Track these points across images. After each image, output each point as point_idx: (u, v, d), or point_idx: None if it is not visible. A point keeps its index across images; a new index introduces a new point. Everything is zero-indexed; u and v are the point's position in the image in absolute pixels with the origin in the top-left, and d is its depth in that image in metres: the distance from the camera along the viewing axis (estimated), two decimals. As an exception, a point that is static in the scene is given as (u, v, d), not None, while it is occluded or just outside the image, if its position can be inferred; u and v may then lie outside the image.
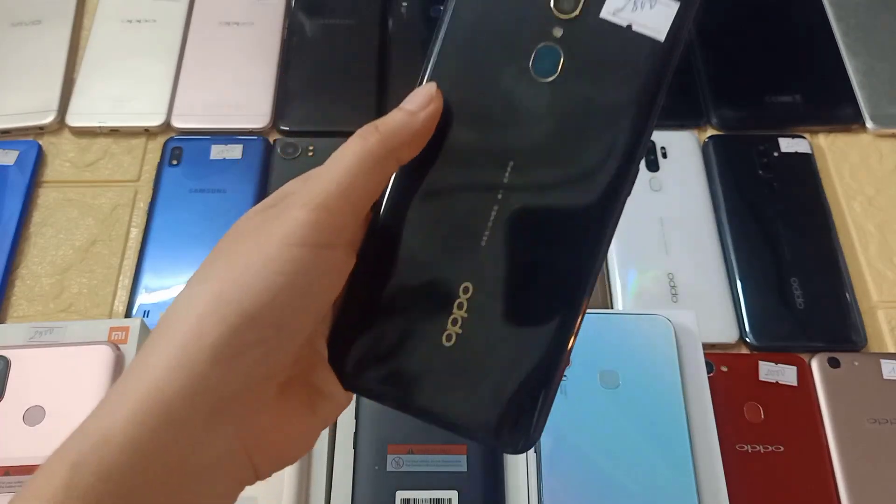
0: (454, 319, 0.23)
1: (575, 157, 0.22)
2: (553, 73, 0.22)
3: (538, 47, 0.22)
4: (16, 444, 0.40)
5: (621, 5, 0.22)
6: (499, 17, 0.22)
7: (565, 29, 0.22)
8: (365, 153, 0.22)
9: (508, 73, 0.22)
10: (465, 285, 0.23)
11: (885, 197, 0.56)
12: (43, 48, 0.60)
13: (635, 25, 0.22)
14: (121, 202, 0.54)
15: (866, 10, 0.63)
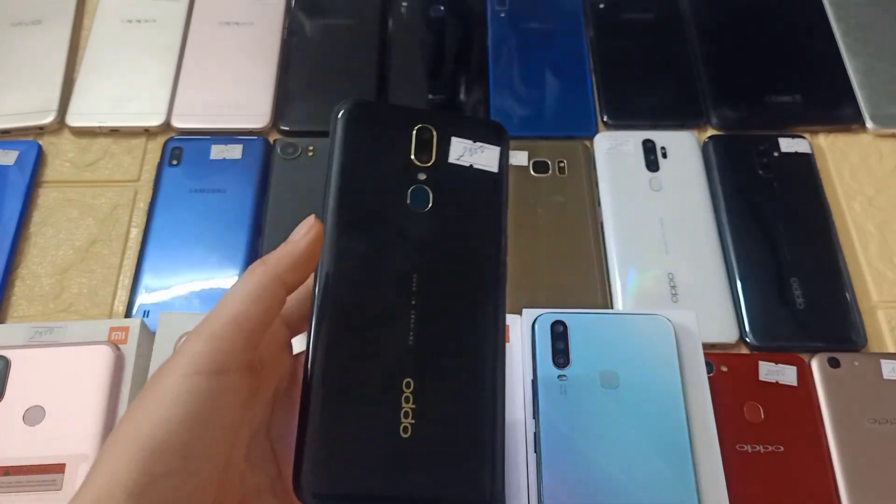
0: (405, 413, 0.27)
1: (460, 260, 0.29)
2: (427, 205, 0.29)
3: (411, 189, 0.29)
4: (16, 444, 0.40)
5: (461, 153, 0.30)
6: (376, 170, 0.29)
7: (427, 173, 0.29)
8: (252, 284, 0.25)
9: (394, 210, 0.29)
10: (406, 380, 0.27)
11: (885, 197, 0.56)
12: (43, 48, 0.60)
13: (475, 165, 0.30)
14: (121, 202, 0.55)
15: (866, 10, 0.63)
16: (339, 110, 0.30)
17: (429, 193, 0.29)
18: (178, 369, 0.23)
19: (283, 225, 0.52)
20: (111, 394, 0.41)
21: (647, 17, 0.63)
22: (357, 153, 0.30)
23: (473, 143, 0.30)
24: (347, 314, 0.27)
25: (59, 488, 0.39)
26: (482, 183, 0.30)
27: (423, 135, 0.30)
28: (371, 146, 0.30)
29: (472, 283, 0.29)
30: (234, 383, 0.24)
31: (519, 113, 0.58)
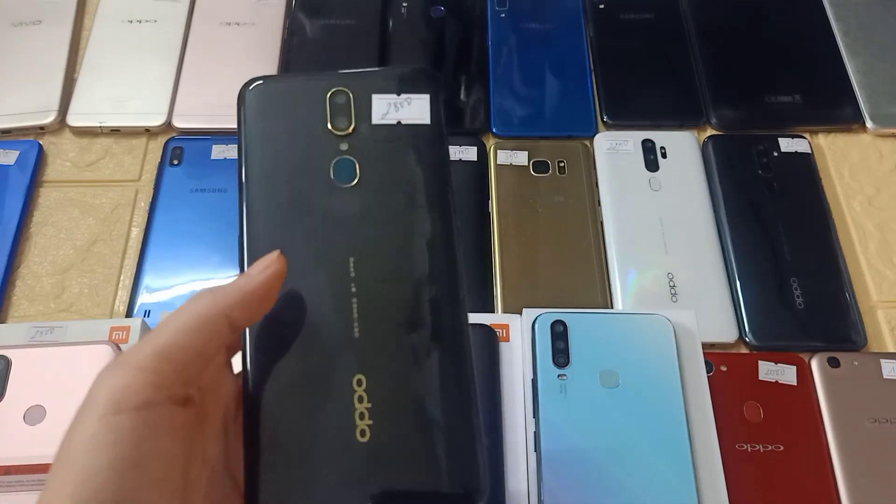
0: (360, 414, 0.24)
1: (401, 232, 0.25)
2: (354, 178, 0.26)
3: (333, 163, 0.26)
4: (16, 444, 0.40)
5: (386, 110, 0.26)
6: (292, 148, 0.26)
7: (348, 142, 0.26)
8: (192, 313, 0.22)
9: (317, 191, 0.25)
10: (358, 378, 0.24)
11: (884, 196, 0.56)
12: (44, 48, 0.60)
13: (403, 120, 0.26)
14: (122, 202, 0.55)
15: (866, 10, 0.63)
16: (240, 93, 0.27)
17: (354, 164, 0.26)
18: (95, 409, 0.20)
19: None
20: (112, 393, 0.41)
21: (647, 17, 0.63)
22: (267, 134, 0.27)
23: (398, 96, 0.26)
24: (282, 313, 0.24)
25: (59, 487, 0.39)
26: (416, 140, 0.26)
27: (337, 100, 0.26)
28: (281, 123, 0.27)
29: (417, 259, 0.25)
30: (166, 418, 0.21)
31: (519, 113, 0.58)
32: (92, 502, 0.19)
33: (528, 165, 0.56)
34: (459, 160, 0.55)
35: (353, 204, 0.25)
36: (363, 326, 0.24)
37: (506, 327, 0.44)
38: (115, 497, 0.19)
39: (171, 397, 0.21)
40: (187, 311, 0.23)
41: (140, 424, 0.20)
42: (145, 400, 0.20)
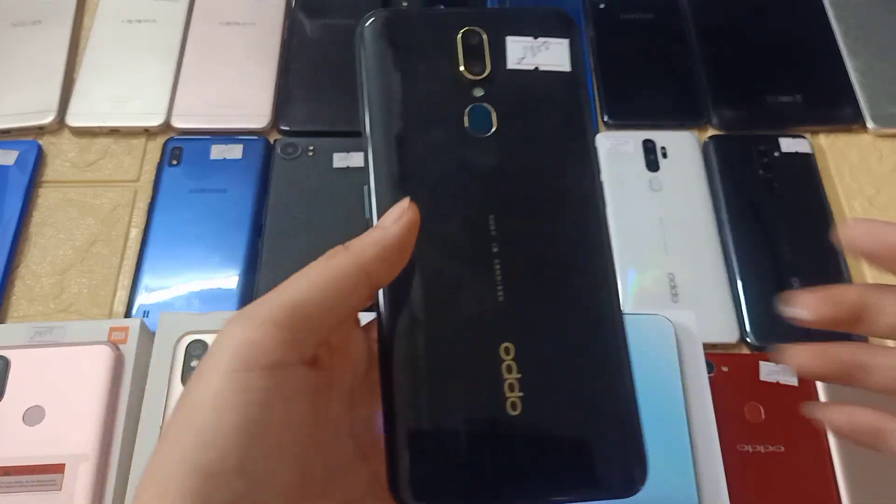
0: (510, 385, 0.22)
1: (545, 189, 0.23)
2: (490, 127, 0.23)
3: (467, 110, 0.24)
4: (15, 444, 0.40)
5: (522, 54, 0.24)
6: (421, 93, 0.24)
7: (484, 87, 0.24)
8: (328, 268, 0.21)
9: (451, 139, 0.23)
10: (505, 346, 0.22)
11: (885, 197, 0.56)
12: (43, 48, 0.60)
13: (542, 66, 0.24)
14: (121, 202, 0.54)
15: (866, 10, 0.63)
16: (361, 27, 0.24)
17: (490, 112, 0.24)
18: (221, 364, 0.18)
19: (284, 225, 0.52)
20: (111, 394, 0.41)
21: (647, 17, 0.63)
22: (393, 76, 0.24)
23: (535, 39, 0.24)
24: (419, 276, 0.22)
25: (58, 488, 0.39)
26: (554, 87, 0.24)
27: (469, 40, 0.24)
28: (408, 64, 0.24)
29: (563, 217, 0.23)
30: (298, 380, 0.19)
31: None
32: (214, 468, 0.17)
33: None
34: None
35: (490, 155, 0.23)
36: (508, 290, 0.22)
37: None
38: (239, 464, 0.18)
39: (303, 358, 0.20)
40: (321, 266, 0.21)
41: (271, 385, 0.18)
42: (277, 359, 0.19)
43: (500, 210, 0.23)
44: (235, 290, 0.50)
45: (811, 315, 0.23)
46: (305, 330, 0.20)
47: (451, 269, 0.22)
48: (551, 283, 0.23)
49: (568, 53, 0.25)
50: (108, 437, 0.40)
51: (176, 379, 0.42)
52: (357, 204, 0.55)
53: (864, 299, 0.24)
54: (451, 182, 0.23)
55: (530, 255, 0.23)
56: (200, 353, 0.42)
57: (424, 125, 0.23)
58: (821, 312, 0.24)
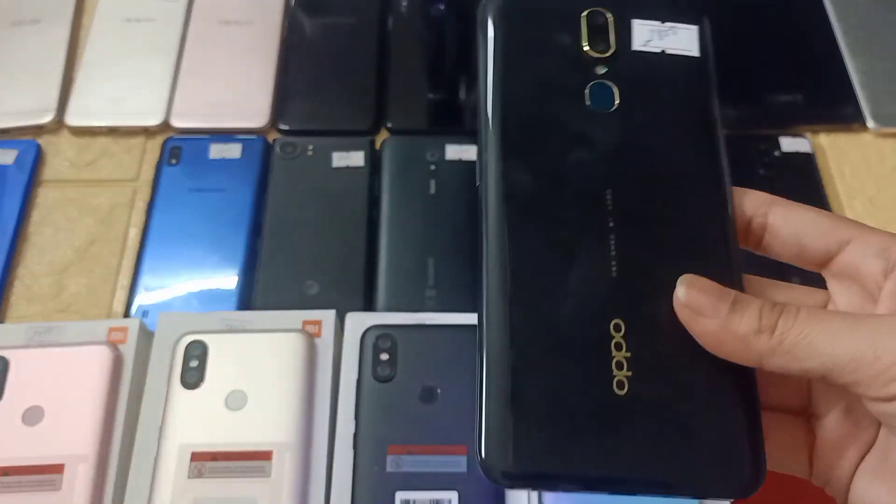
0: (618, 363, 0.21)
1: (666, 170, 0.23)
2: (612, 105, 0.24)
3: (589, 86, 0.24)
4: (15, 445, 0.39)
5: (648, 37, 0.24)
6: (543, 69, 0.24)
7: (607, 66, 0.24)
8: None
9: (570, 114, 0.23)
10: (616, 322, 0.21)
11: (886, 196, 0.55)
12: (42, 47, 0.60)
13: (669, 50, 0.24)
14: (120, 202, 0.54)
15: (867, 10, 0.63)
16: (482, 6, 0.24)
17: (612, 89, 0.24)
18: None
19: (283, 224, 0.52)
20: (110, 394, 0.41)
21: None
22: (515, 52, 0.24)
23: (661, 23, 0.24)
24: (528, 246, 0.22)
25: (58, 488, 0.39)
26: (682, 72, 0.24)
27: (595, 20, 0.24)
28: (532, 42, 0.24)
29: (682, 195, 0.23)
30: None
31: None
32: None
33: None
34: (459, 160, 0.55)
35: (609, 132, 0.23)
36: (622, 266, 0.22)
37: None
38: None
39: None
40: None
41: None
42: None
43: (617, 186, 0.23)
44: (234, 290, 0.50)
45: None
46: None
47: (566, 240, 0.22)
48: (667, 264, 0.22)
49: (697, 39, 0.24)
50: (107, 437, 0.40)
51: (175, 379, 0.41)
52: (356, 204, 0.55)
53: None
54: (568, 154, 0.23)
55: (647, 233, 0.22)
56: (199, 353, 0.42)
57: (544, 98, 0.23)
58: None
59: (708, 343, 0.21)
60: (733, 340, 0.20)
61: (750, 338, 0.20)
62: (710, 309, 0.21)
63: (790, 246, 0.24)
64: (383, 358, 0.43)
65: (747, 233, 0.24)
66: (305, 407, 0.41)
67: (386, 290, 0.49)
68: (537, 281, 0.22)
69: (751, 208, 0.24)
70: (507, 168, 0.23)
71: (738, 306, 0.21)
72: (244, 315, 0.45)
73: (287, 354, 0.42)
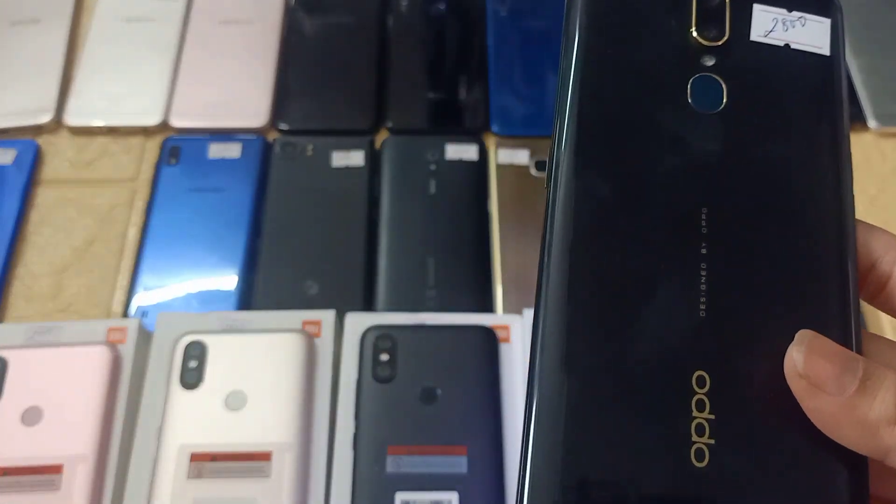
0: (699, 426, 0.17)
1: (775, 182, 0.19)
2: (719, 104, 0.20)
3: (692, 79, 0.20)
4: (14, 445, 0.39)
5: (771, 26, 0.20)
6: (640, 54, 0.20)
7: (717, 56, 0.20)
8: None
9: (666, 112, 0.19)
10: (699, 374, 0.17)
11: (887, 196, 0.55)
12: (41, 47, 0.60)
13: (794, 44, 0.20)
14: (119, 202, 0.54)
15: (868, 9, 0.63)
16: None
17: (721, 86, 0.20)
18: None
19: (282, 224, 0.52)
20: (109, 394, 0.41)
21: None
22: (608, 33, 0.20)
23: (788, 12, 0.20)
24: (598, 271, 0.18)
25: (57, 489, 0.38)
26: (806, 71, 0.20)
27: (708, 1, 0.20)
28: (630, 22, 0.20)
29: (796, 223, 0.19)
30: None
31: (519, 111, 0.58)
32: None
33: (528, 164, 0.55)
34: (459, 159, 0.55)
35: (713, 136, 0.19)
36: (714, 304, 0.18)
37: (506, 328, 0.44)
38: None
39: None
40: None
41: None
42: None
43: (715, 204, 0.19)
44: (234, 290, 0.50)
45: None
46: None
47: (646, 267, 0.18)
48: (772, 308, 0.18)
49: (829, 35, 0.20)
50: (106, 437, 0.40)
51: (174, 380, 0.41)
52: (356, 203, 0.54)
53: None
54: (658, 164, 0.19)
55: (748, 265, 0.18)
56: (199, 353, 0.42)
57: (636, 94, 0.20)
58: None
59: (822, 423, 0.17)
60: (857, 426, 0.16)
61: (881, 428, 0.16)
62: (834, 384, 0.16)
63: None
64: (383, 358, 0.43)
65: (865, 280, 0.20)
66: (305, 407, 0.41)
67: (386, 290, 0.49)
68: (606, 315, 0.18)
69: (878, 250, 0.19)
70: (581, 173, 0.19)
71: (869, 384, 0.16)
72: (243, 315, 0.45)
73: (287, 355, 0.42)
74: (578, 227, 0.19)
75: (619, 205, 0.19)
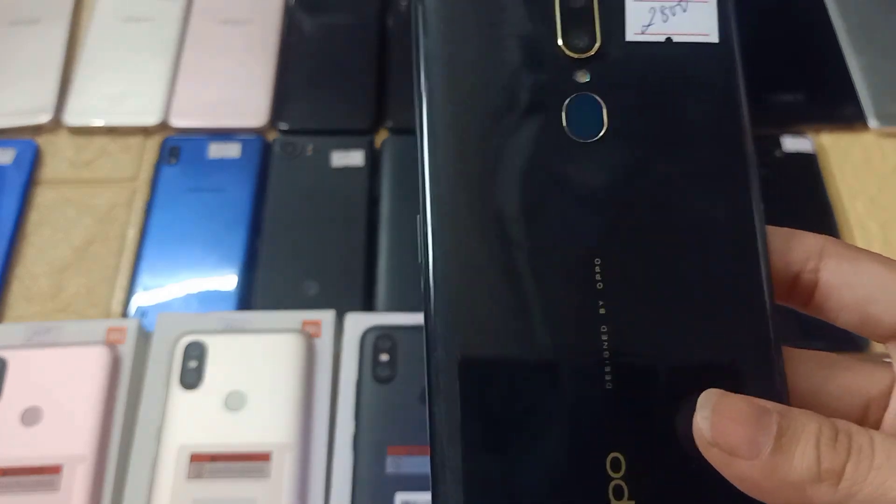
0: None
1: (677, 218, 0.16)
2: (600, 128, 0.17)
3: (566, 103, 0.17)
4: (13, 445, 0.39)
5: (648, 19, 0.17)
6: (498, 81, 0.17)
7: (591, 70, 0.17)
8: None
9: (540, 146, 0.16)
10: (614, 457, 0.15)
11: (887, 196, 0.55)
12: (40, 46, 0.60)
13: (676, 36, 0.17)
14: (118, 201, 0.54)
15: (869, 8, 0.63)
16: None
17: (600, 106, 0.17)
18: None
19: (282, 224, 0.52)
20: (108, 395, 0.41)
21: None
22: (462, 53, 0.17)
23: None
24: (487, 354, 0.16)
25: (56, 489, 0.38)
26: (694, 66, 0.18)
27: (571, 2, 0.17)
28: (485, 38, 0.17)
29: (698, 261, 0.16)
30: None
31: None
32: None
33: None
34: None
35: (597, 171, 0.16)
36: (618, 373, 0.16)
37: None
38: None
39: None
40: None
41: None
42: None
43: (608, 254, 0.16)
44: (233, 290, 0.50)
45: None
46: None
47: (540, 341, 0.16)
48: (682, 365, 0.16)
49: (715, 17, 0.18)
50: (105, 437, 0.40)
51: (174, 380, 0.41)
52: (355, 203, 0.54)
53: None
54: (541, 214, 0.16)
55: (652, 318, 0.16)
56: (198, 353, 0.42)
57: (503, 121, 0.16)
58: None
59: (747, 489, 0.15)
60: (782, 489, 0.15)
61: (807, 487, 0.14)
62: (747, 448, 0.15)
63: (850, 312, 0.18)
64: (383, 358, 0.43)
65: (793, 288, 0.18)
66: (305, 408, 0.41)
67: (386, 290, 0.49)
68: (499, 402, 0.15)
69: (799, 259, 0.18)
70: (451, 234, 0.16)
71: (785, 440, 0.15)
72: (243, 315, 0.45)
73: (286, 355, 0.42)
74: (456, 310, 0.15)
75: (497, 270, 0.16)
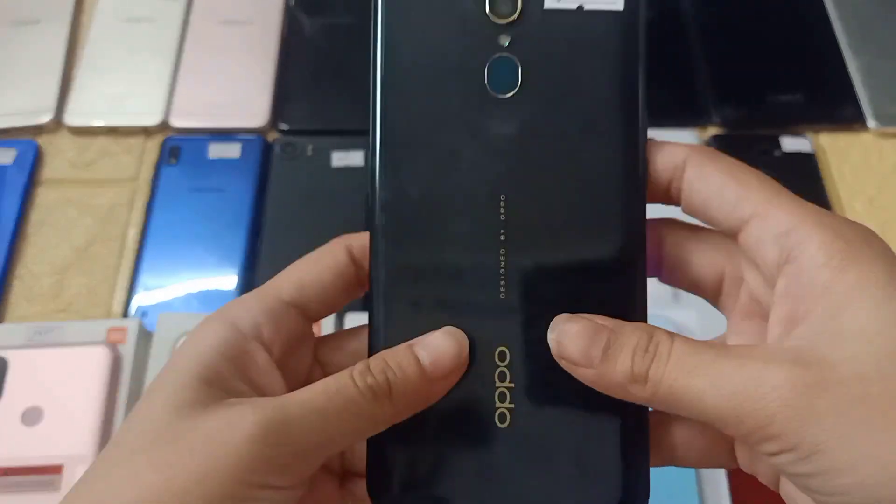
0: (501, 394, 0.20)
1: (574, 169, 0.20)
2: (514, 85, 0.20)
3: (488, 63, 0.20)
4: (14, 445, 0.39)
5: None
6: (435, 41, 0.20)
7: (512, 34, 0.20)
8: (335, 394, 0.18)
9: (465, 100, 0.20)
10: (500, 350, 0.20)
11: (886, 196, 0.55)
12: (41, 47, 0.60)
13: (587, 4, 0.20)
14: (119, 202, 0.54)
15: (868, 9, 0.63)
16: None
17: (516, 65, 0.20)
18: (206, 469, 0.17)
19: (282, 224, 0.52)
20: (109, 395, 0.41)
21: (649, 16, 0.63)
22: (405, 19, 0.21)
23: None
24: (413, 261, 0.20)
25: (56, 489, 0.39)
26: (602, 33, 0.20)
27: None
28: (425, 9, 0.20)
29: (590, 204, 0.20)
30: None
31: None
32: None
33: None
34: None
35: (509, 122, 0.20)
36: (511, 287, 0.20)
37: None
38: None
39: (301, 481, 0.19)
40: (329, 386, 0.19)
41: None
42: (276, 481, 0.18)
43: (513, 193, 0.20)
44: (234, 290, 0.50)
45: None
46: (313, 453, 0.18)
47: (454, 257, 0.20)
48: (556, 283, 0.20)
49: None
50: (106, 437, 0.40)
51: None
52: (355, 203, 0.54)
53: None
54: (458, 156, 0.20)
55: (540, 245, 0.20)
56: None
57: (440, 80, 0.20)
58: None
59: (592, 386, 0.19)
60: (612, 388, 0.19)
61: (626, 387, 0.18)
62: (583, 358, 0.19)
63: (698, 215, 0.21)
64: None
65: (667, 196, 0.21)
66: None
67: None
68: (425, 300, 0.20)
69: (666, 168, 0.20)
70: (388, 174, 0.20)
71: (611, 352, 0.18)
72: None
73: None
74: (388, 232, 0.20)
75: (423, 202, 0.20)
